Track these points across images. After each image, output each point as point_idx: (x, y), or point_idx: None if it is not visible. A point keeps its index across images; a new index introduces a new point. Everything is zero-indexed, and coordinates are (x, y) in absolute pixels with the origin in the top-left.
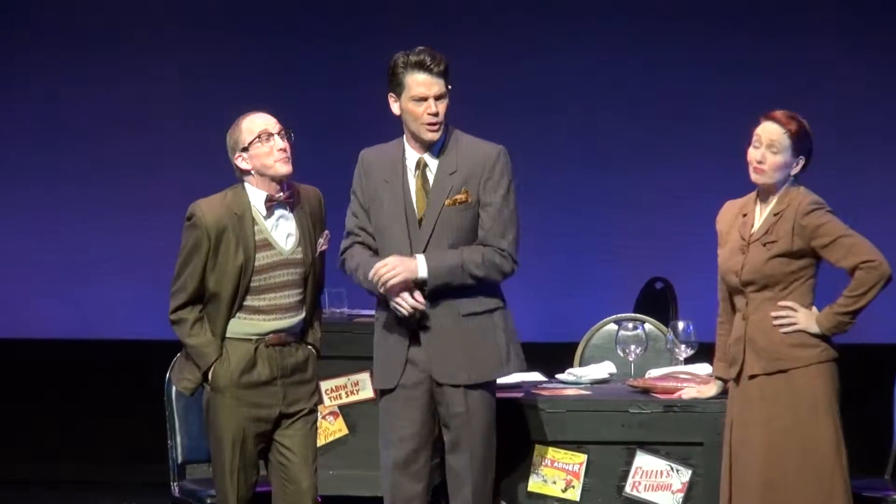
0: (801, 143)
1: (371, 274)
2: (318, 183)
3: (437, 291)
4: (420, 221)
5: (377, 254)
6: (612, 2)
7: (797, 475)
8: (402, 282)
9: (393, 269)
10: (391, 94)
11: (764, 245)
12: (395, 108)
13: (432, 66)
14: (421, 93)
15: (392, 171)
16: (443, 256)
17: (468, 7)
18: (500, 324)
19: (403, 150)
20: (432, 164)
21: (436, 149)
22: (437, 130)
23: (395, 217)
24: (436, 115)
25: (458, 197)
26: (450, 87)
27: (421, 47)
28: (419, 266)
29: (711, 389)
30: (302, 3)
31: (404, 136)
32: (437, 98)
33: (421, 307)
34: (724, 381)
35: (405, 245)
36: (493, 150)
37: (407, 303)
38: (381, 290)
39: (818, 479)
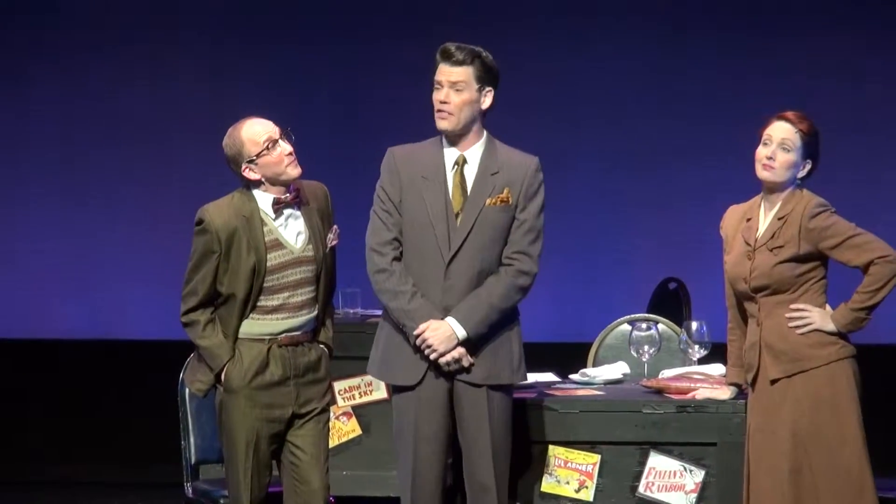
0: (810, 145)
1: (417, 342)
2: (326, 181)
3: (461, 292)
4: (456, 217)
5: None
6: (628, 4)
7: (826, 473)
8: (443, 354)
9: (431, 347)
10: None
11: (770, 250)
12: None
13: (452, 53)
14: (437, 78)
15: (433, 169)
16: (472, 310)
17: (475, 7)
18: (515, 333)
19: (442, 147)
20: (472, 161)
21: (477, 146)
22: (444, 118)
23: (437, 215)
24: (443, 102)
25: (501, 196)
26: (488, 88)
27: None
28: (455, 329)
29: (725, 394)
30: (303, 4)
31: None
32: (454, 87)
33: (468, 364)
34: (739, 387)
35: (445, 243)
36: (532, 160)
37: (453, 368)
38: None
39: (847, 475)
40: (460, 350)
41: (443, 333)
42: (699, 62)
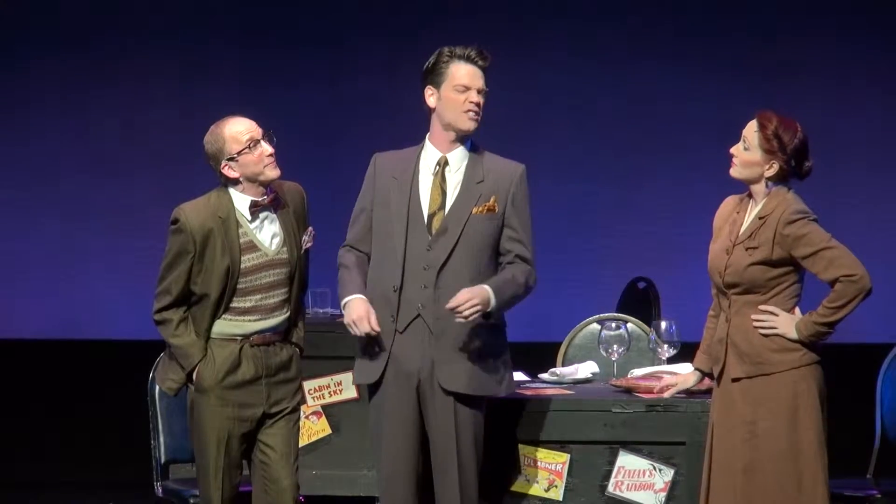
0: (770, 146)
1: (451, 305)
2: (300, 181)
3: (451, 295)
4: (430, 219)
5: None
6: (605, 6)
7: (777, 478)
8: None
9: (473, 306)
10: (429, 86)
11: (746, 249)
12: (432, 100)
13: (478, 59)
14: (465, 82)
15: (402, 169)
16: (504, 286)
17: (455, 11)
18: (502, 345)
19: (421, 150)
20: (454, 164)
21: (461, 151)
22: (476, 120)
23: (398, 215)
24: (478, 104)
25: (487, 205)
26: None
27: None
28: (491, 298)
29: (690, 380)
30: (277, 4)
31: (427, 135)
32: (480, 93)
33: (375, 333)
34: (703, 374)
35: (400, 244)
36: (518, 167)
37: (360, 329)
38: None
39: (798, 484)
40: (374, 322)
41: (483, 294)
42: (679, 63)
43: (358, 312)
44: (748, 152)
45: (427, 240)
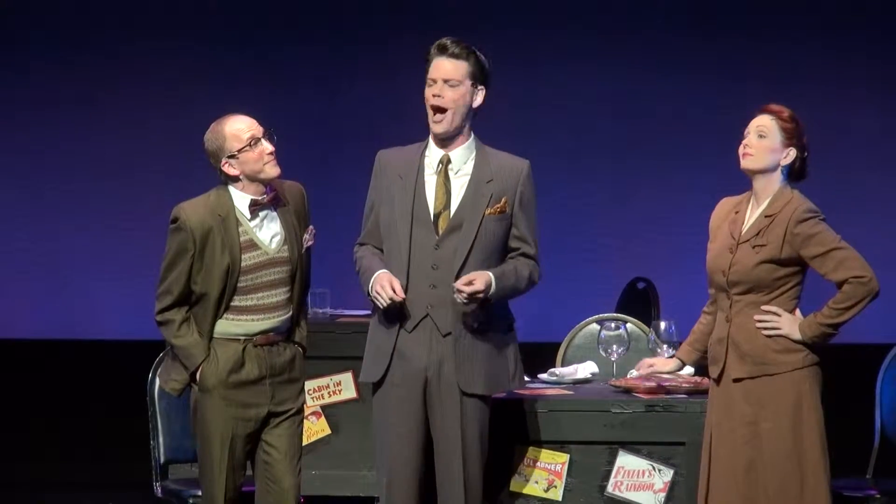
0: (790, 132)
1: (459, 283)
2: (300, 180)
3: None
4: (436, 218)
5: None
6: (605, 6)
7: (780, 477)
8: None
9: (475, 290)
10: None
11: (753, 247)
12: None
13: (449, 47)
14: (431, 75)
15: (407, 168)
16: (504, 277)
17: (456, 12)
18: (512, 341)
19: (425, 147)
20: (457, 162)
21: (464, 149)
22: (439, 122)
23: (402, 214)
24: (437, 95)
25: (498, 206)
26: (480, 86)
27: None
28: (492, 284)
29: (669, 365)
30: (277, 4)
31: (430, 133)
32: (448, 82)
33: (399, 300)
34: (683, 364)
35: (405, 243)
36: (523, 164)
37: (385, 294)
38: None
39: (801, 484)
40: (398, 288)
41: (486, 277)
42: (678, 62)
43: (380, 283)
44: (765, 139)
45: (434, 239)
